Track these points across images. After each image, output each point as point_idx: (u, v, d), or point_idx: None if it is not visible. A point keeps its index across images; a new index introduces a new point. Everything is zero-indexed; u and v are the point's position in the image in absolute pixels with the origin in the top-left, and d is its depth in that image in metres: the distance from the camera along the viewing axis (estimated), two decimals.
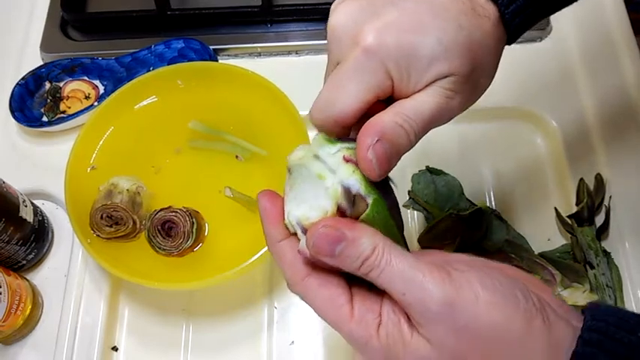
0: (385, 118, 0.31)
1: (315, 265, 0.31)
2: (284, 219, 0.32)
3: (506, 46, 0.36)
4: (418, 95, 0.32)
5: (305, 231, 0.31)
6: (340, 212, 0.30)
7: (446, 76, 0.32)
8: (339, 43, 0.33)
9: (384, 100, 0.33)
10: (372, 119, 0.31)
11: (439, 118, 0.33)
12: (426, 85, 0.32)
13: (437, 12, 0.32)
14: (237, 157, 0.59)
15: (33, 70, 0.66)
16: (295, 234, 0.32)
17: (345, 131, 0.33)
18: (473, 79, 0.33)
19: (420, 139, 0.32)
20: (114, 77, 0.66)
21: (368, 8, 0.32)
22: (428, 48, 0.31)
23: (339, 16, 0.33)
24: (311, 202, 0.31)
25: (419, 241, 0.55)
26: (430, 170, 0.59)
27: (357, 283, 0.31)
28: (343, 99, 0.32)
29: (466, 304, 0.28)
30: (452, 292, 0.28)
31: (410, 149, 0.32)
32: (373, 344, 0.30)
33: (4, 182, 0.54)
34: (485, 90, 0.36)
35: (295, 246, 0.32)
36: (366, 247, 0.29)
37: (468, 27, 0.32)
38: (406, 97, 0.32)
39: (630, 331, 0.28)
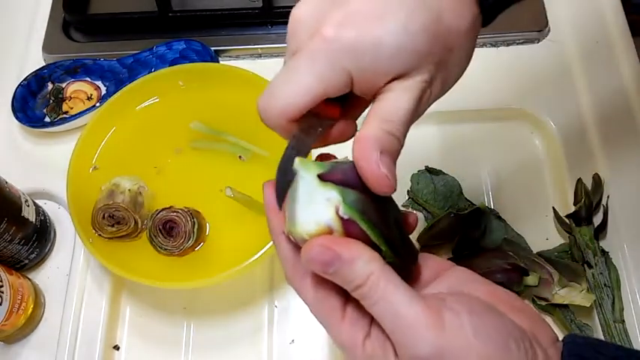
0: (375, 130, 0.29)
1: None
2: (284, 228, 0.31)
3: (505, 48, 0.35)
4: (392, 95, 0.30)
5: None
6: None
7: (416, 68, 0.30)
8: (298, 33, 0.31)
9: (335, 99, 0.31)
10: (362, 133, 0.29)
11: (418, 113, 0.31)
12: (394, 79, 0.30)
13: (400, 3, 0.29)
14: (240, 157, 0.59)
15: (35, 71, 0.66)
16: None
17: (287, 126, 0.31)
18: (446, 64, 0.31)
19: (406, 133, 0.31)
20: (116, 78, 0.67)
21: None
22: (392, 38, 0.29)
23: (301, 6, 0.31)
24: (308, 215, 0.30)
25: (418, 240, 0.56)
26: (429, 170, 0.59)
27: None
28: (291, 90, 0.30)
29: (456, 353, 0.27)
30: (442, 341, 0.27)
31: (400, 149, 0.31)
32: (357, 353, 0.29)
33: (6, 182, 0.54)
34: (461, 73, 0.33)
35: (294, 245, 0.31)
36: (361, 272, 0.28)
37: (437, 9, 0.30)
38: (371, 93, 0.31)
39: None
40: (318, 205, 0.29)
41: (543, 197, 0.60)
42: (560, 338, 0.31)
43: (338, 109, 0.32)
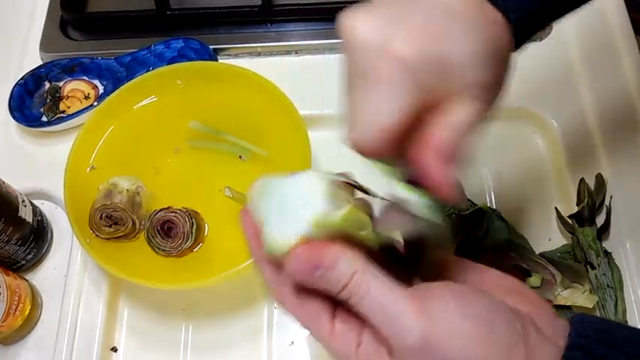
0: (446, 137, 0.31)
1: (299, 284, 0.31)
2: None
3: None
4: (459, 107, 0.32)
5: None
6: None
7: (478, 85, 0.32)
8: (364, 55, 0.31)
9: None
10: (434, 139, 0.31)
11: (477, 128, 0.33)
12: (457, 94, 0.31)
13: (457, 19, 0.31)
14: (240, 157, 0.59)
15: (32, 70, 0.66)
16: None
17: (386, 151, 0.32)
18: (495, 87, 0.33)
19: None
20: (113, 77, 0.66)
21: (389, 17, 0.31)
22: (458, 56, 0.31)
23: (360, 27, 0.31)
24: (285, 227, 0.30)
25: None
26: None
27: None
28: (384, 116, 0.31)
29: (443, 338, 0.28)
30: (429, 326, 0.28)
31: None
32: None
33: (3, 182, 0.54)
34: (500, 100, 0.35)
35: (277, 264, 0.31)
36: (345, 271, 0.29)
37: (490, 36, 0.32)
38: (436, 106, 0.32)
39: (616, 346, 0.28)
40: (291, 218, 0.29)
41: (546, 197, 0.60)
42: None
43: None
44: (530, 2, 0.34)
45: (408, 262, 0.33)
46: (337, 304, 0.31)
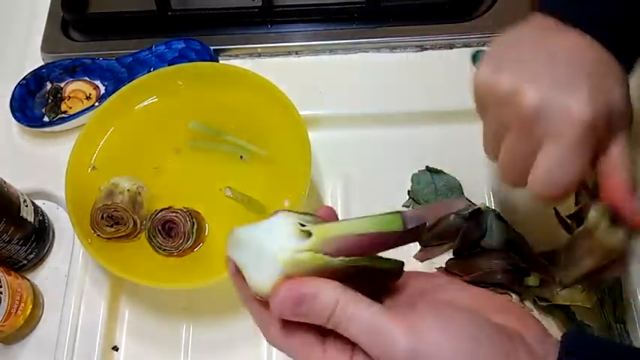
0: (624, 179, 0.37)
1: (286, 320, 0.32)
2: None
3: None
4: (618, 145, 0.38)
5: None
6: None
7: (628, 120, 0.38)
8: (540, 116, 0.36)
9: None
10: (616, 183, 0.38)
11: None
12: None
13: (602, 66, 0.37)
14: (241, 157, 0.59)
15: (34, 71, 0.66)
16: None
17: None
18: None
19: None
20: (115, 77, 0.66)
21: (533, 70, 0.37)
22: (618, 104, 0.36)
23: (502, 78, 0.37)
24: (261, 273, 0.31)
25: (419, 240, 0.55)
26: (430, 170, 0.59)
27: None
28: (572, 175, 0.36)
29: (430, 353, 0.28)
30: (415, 341, 0.28)
31: None
32: None
33: (4, 182, 0.54)
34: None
35: (265, 304, 0.32)
36: (328, 301, 0.29)
37: (623, 75, 0.38)
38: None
39: None
40: (267, 263, 0.30)
41: None
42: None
43: None
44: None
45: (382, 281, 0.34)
46: (325, 332, 0.31)
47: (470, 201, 0.57)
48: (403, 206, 0.59)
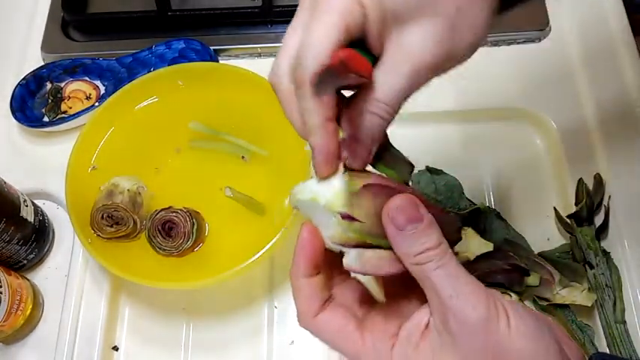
0: (360, 113, 0.31)
1: (327, 301, 0.32)
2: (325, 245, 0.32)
3: (506, 47, 0.35)
4: (383, 65, 0.30)
5: (349, 245, 0.31)
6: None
7: (420, 12, 0.30)
8: None
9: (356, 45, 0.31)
10: (347, 114, 0.31)
11: (409, 86, 0.31)
12: (396, 31, 0.30)
13: None
14: (242, 157, 0.59)
15: (34, 71, 0.66)
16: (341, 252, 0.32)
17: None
18: (448, 25, 0.30)
19: (398, 108, 0.31)
20: (115, 78, 0.66)
21: None
22: None
23: None
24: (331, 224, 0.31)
25: None
26: (430, 170, 0.59)
27: (373, 312, 0.32)
28: (319, 36, 0.30)
29: (500, 326, 0.28)
30: (492, 312, 0.28)
31: (390, 121, 0.32)
32: None
33: (5, 182, 0.54)
34: (473, 40, 0.32)
35: (313, 284, 0.32)
36: (435, 238, 0.29)
37: None
38: (378, 45, 0.31)
39: None
40: (327, 222, 0.30)
41: (544, 197, 0.60)
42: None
43: (369, 65, 0.30)
44: None
45: None
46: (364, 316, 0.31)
47: (469, 200, 0.57)
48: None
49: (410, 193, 0.31)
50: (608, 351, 0.51)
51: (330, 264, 0.33)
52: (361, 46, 0.31)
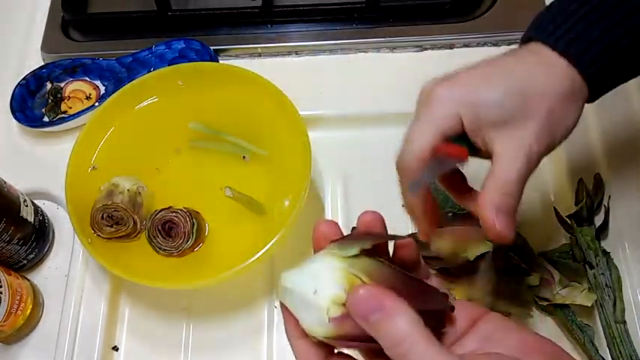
0: (492, 194, 0.37)
1: (329, 357, 0.32)
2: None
3: (506, 47, 0.37)
4: (504, 157, 0.37)
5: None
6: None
7: (514, 122, 0.36)
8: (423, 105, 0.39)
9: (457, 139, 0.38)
10: (482, 197, 0.37)
11: (530, 169, 0.37)
12: (498, 129, 0.37)
13: (501, 70, 0.38)
14: (243, 157, 0.59)
15: (34, 71, 0.66)
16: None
17: (423, 165, 0.38)
18: (547, 123, 0.37)
19: (522, 188, 0.37)
20: (115, 78, 0.66)
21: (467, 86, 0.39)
22: (493, 94, 0.37)
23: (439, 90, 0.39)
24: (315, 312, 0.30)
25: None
26: None
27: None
28: (417, 137, 0.38)
29: None
30: None
31: (519, 201, 0.37)
32: None
33: (5, 182, 0.54)
34: (567, 132, 0.39)
35: (309, 343, 0.32)
36: (403, 328, 0.27)
37: (525, 77, 0.37)
38: (481, 139, 0.38)
39: None
40: (315, 309, 0.30)
41: (545, 197, 0.60)
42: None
43: (465, 150, 0.38)
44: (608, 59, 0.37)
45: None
46: None
47: None
48: (402, 206, 0.59)
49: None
50: (608, 351, 0.51)
51: None
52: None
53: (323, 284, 0.30)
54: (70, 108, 0.65)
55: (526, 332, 0.32)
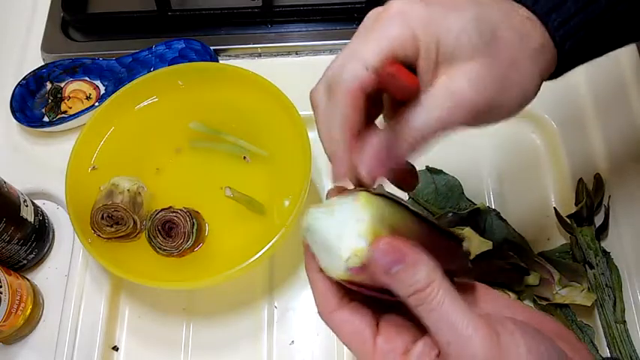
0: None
1: (346, 298, 0.31)
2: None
3: None
4: (430, 95, 0.31)
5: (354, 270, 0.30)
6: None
7: (473, 57, 0.30)
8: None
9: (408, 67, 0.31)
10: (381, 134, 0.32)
11: (455, 114, 0.31)
12: (447, 68, 0.31)
13: (475, 1, 0.32)
14: (244, 158, 0.59)
15: (34, 71, 0.66)
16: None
17: (365, 86, 0.32)
18: (499, 73, 0.31)
19: (429, 141, 0.32)
20: (115, 78, 0.66)
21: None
22: (459, 23, 0.30)
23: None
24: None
25: None
26: (430, 170, 0.59)
27: (390, 314, 0.31)
28: (361, 53, 0.31)
29: None
30: (496, 354, 0.27)
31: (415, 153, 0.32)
32: None
33: (5, 182, 0.54)
34: (522, 97, 0.34)
35: (326, 281, 0.31)
36: (422, 277, 0.28)
37: (503, 18, 0.32)
38: (426, 78, 0.31)
39: None
40: (335, 254, 0.30)
41: (544, 197, 0.60)
42: None
43: (417, 80, 0.31)
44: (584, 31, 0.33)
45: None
46: (382, 320, 0.31)
47: (470, 201, 0.57)
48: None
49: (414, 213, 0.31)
50: (608, 351, 0.51)
51: None
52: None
53: (347, 233, 0.29)
54: (70, 108, 0.65)
55: (532, 310, 0.33)
